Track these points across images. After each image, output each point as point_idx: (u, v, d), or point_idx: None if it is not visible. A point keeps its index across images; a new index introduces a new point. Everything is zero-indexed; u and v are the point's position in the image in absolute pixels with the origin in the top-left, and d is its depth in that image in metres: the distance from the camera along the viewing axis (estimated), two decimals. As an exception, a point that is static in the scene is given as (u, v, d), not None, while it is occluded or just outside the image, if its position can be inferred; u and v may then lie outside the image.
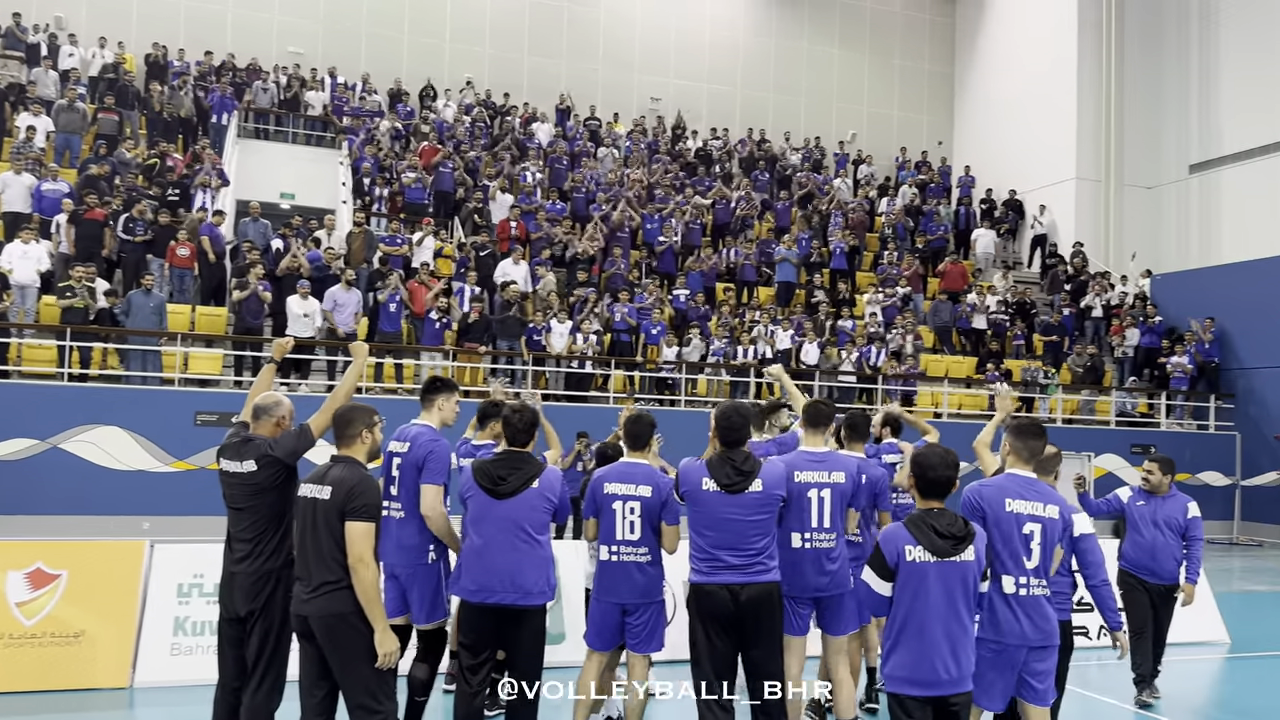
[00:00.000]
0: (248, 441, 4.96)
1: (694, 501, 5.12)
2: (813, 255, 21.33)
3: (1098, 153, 25.09)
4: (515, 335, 16.17)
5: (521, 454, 5.32)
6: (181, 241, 15.88)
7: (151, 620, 7.10)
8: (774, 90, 28.47)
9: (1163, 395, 20.31)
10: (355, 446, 4.71)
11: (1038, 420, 5.10)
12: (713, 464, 5.09)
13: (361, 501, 4.48)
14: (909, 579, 4.14)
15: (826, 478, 5.51)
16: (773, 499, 5.11)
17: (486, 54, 25.92)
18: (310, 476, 4.66)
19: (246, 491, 4.90)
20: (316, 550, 4.51)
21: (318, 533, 4.51)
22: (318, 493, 4.54)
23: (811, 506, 5.47)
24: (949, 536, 4.14)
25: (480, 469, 5.25)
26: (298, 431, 4.93)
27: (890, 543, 4.19)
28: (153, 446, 13.85)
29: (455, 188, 20.28)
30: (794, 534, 5.47)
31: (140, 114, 20.87)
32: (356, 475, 4.55)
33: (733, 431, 5.14)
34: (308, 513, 4.56)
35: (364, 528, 4.47)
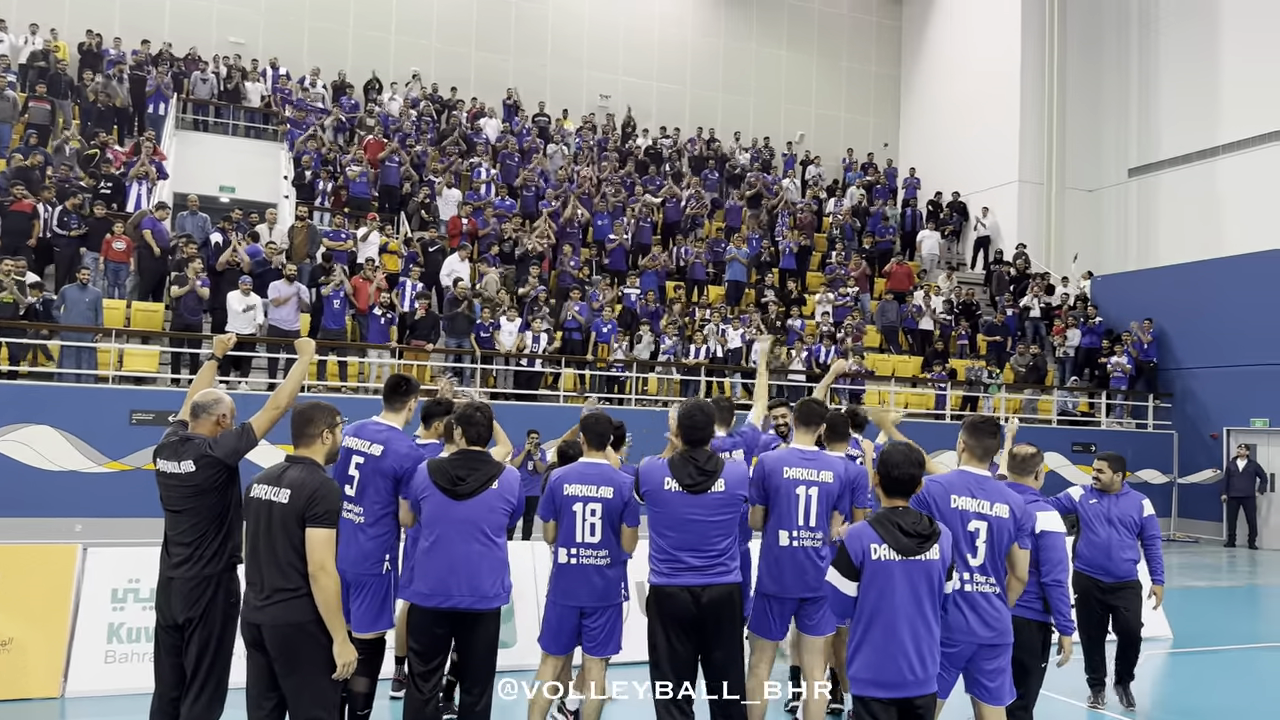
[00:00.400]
0: (186, 441, 4.73)
1: (655, 502, 5.00)
2: (762, 255, 21.38)
3: (1040, 156, 25.52)
4: (463, 333, 15.94)
5: (480, 454, 5.17)
6: (118, 235, 15.40)
7: (84, 627, 6.81)
8: (723, 90, 28.51)
9: (1103, 395, 20.70)
10: (315, 447, 4.51)
11: (992, 418, 5.06)
12: (675, 463, 4.99)
13: (324, 507, 4.30)
14: (874, 578, 4.06)
15: (816, 476, 5.40)
16: (735, 499, 5.03)
17: (433, 48, 25.58)
18: (263, 477, 4.45)
19: (185, 493, 4.68)
20: (271, 556, 4.31)
21: (273, 538, 4.31)
22: (274, 495, 4.33)
23: (799, 504, 5.36)
24: (914, 534, 4.07)
25: (437, 468, 5.09)
26: (239, 431, 4.71)
27: (855, 541, 4.12)
28: (86, 446, 13.37)
29: (401, 182, 19.96)
30: (782, 531, 5.34)
31: (74, 103, 20.21)
32: (317, 479, 4.36)
33: (696, 430, 5.04)
34: (262, 516, 4.35)
35: (325, 534, 4.29)
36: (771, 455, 5.45)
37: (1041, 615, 5.49)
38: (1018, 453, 5.77)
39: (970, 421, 4.90)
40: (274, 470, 4.45)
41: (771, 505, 5.35)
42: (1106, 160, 25.48)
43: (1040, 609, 5.46)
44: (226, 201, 20.49)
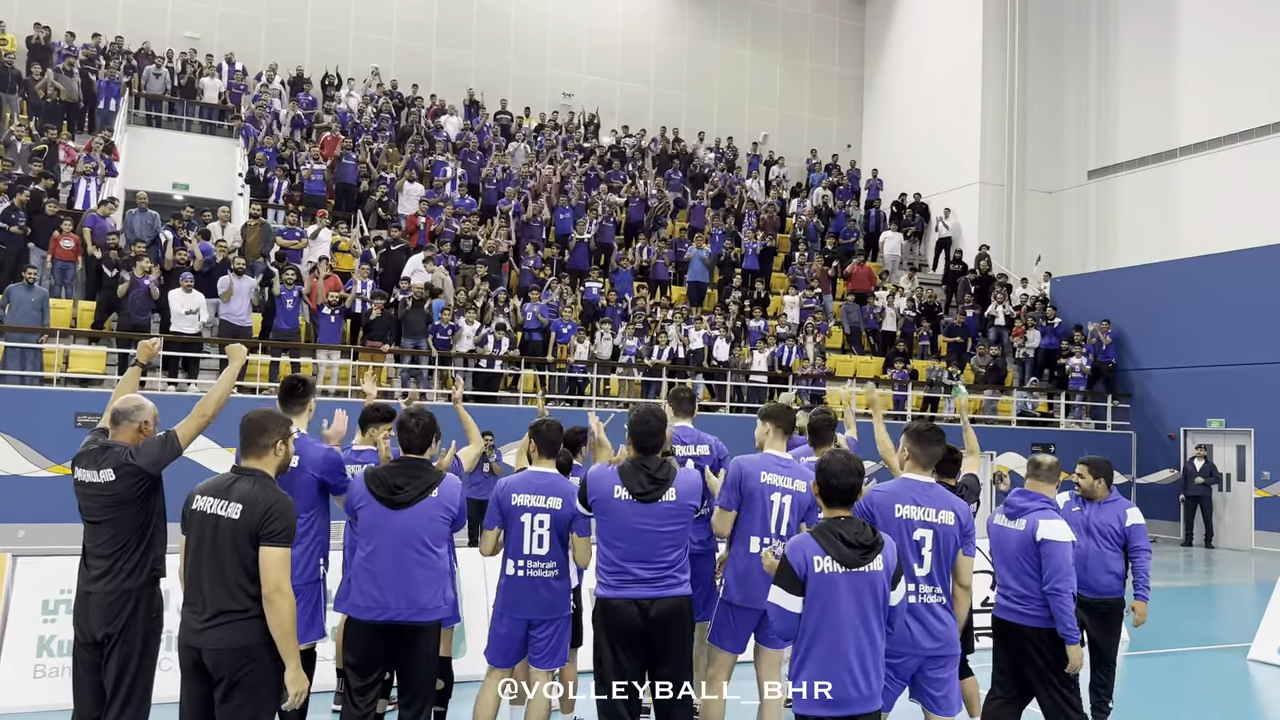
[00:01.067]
0: (106, 449, 4.51)
1: (604, 511, 4.82)
2: (723, 255, 21.30)
3: (1001, 157, 25.66)
4: (420, 333, 15.70)
5: (419, 461, 5.00)
6: (65, 233, 15.01)
7: (13, 640, 6.55)
8: (687, 89, 28.42)
9: (1062, 395, 20.83)
10: (266, 458, 4.19)
11: (935, 425, 4.93)
12: (625, 471, 4.81)
13: (281, 524, 4.02)
14: (818, 591, 3.89)
15: (790, 484, 5.23)
16: (686, 509, 4.86)
17: (393, 43, 25.25)
18: (208, 488, 4.13)
19: (104, 503, 4.46)
20: (217, 574, 4.01)
21: (220, 555, 4.01)
22: (221, 510, 4.03)
23: (773, 510, 5.19)
24: (857, 545, 3.92)
25: (374, 476, 4.92)
26: (163, 439, 4.49)
27: (797, 553, 3.94)
28: (28, 450, 13.01)
29: (359, 180, 19.66)
30: (753, 538, 5.16)
31: (21, 98, 19.70)
32: (272, 494, 4.07)
33: (649, 436, 4.87)
34: (206, 531, 4.05)
35: (281, 554, 4.01)
36: (748, 459, 5.27)
37: (1049, 623, 5.36)
38: (1041, 461, 5.62)
39: (913, 429, 4.80)
40: (220, 482, 4.14)
41: (745, 511, 5.17)
42: (1066, 162, 25.68)
43: (1049, 618, 5.33)
44: (180, 199, 20.06)
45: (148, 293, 14.07)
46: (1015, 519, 5.43)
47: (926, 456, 4.73)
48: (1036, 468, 5.65)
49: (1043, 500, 5.46)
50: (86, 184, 16.62)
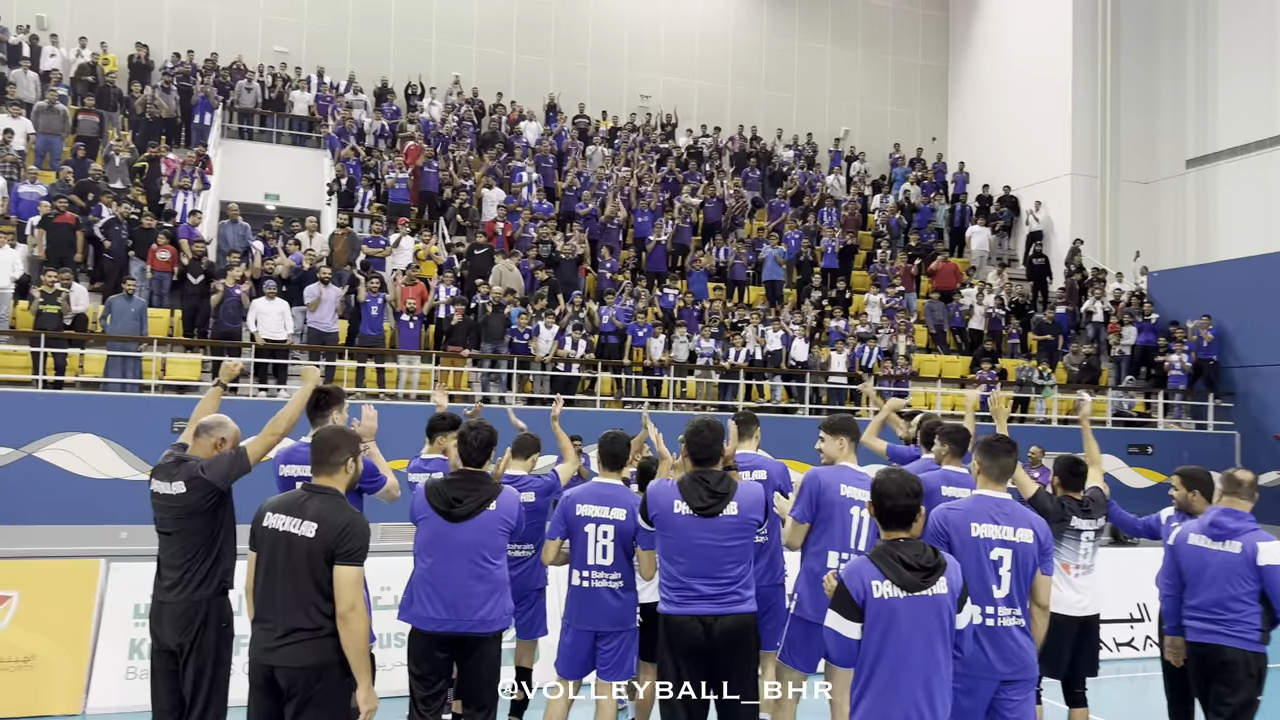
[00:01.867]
0: (180, 462, 4.69)
1: (664, 526, 4.77)
2: (802, 254, 21.06)
3: (1093, 148, 24.81)
4: (499, 338, 15.90)
5: (477, 474, 5.07)
6: (162, 245, 15.62)
7: (106, 643, 6.86)
8: (765, 86, 28.19)
9: (1160, 394, 20.06)
10: (338, 476, 4.21)
11: (1006, 436, 4.77)
12: (684, 485, 4.75)
13: (356, 544, 4.03)
14: (878, 617, 3.75)
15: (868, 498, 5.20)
16: (749, 523, 4.78)
17: (474, 51, 25.63)
18: (279, 505, 4.16)
19: (175, 514, 4.63)
20: (291, 593, 4.03)
21: (294, 573, 4.03)
22: (295, 528, 4.05)
23: (853, 525, 5.15)
24: (918, 568, 3.78)
25: (434, 489, 5.01)
26: (233, 455, 4.64)
27: (854, 578, 3.81)
28: (129, 454, 13.57)
29: (441, 188, 20.01)
30: (832, 553, 5.14)
31: (122, 115, 20.58)
32: (347, 513, 4.09)
33: (705, 448, 4.81)
34: (280, 549, 4.07)
35: (357, 573, 4.02)
36: (826, 471, 5.23)
37: (1258, 646, 5.14)
38: (1241, 479, 5.34)
39: (984, 440, 4.66)
40: (293, 499, 4.17)
41: (822, 525, 5.13)
42: (1163, 151, 24.70)
43: (1256, 640, 5.11)
44: (272, 209, 20.73)
45: (239, 301, 14.55)
46: (1225, 540, 5.16)
47: (998, 469, 4.60)
48: (1236, 485, 5.33)
49: (1250, 519, 5.21)
50: (183, 197, 17.26)
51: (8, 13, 21.49)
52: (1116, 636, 9.36)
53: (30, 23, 21.74)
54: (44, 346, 13.57)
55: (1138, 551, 10.94)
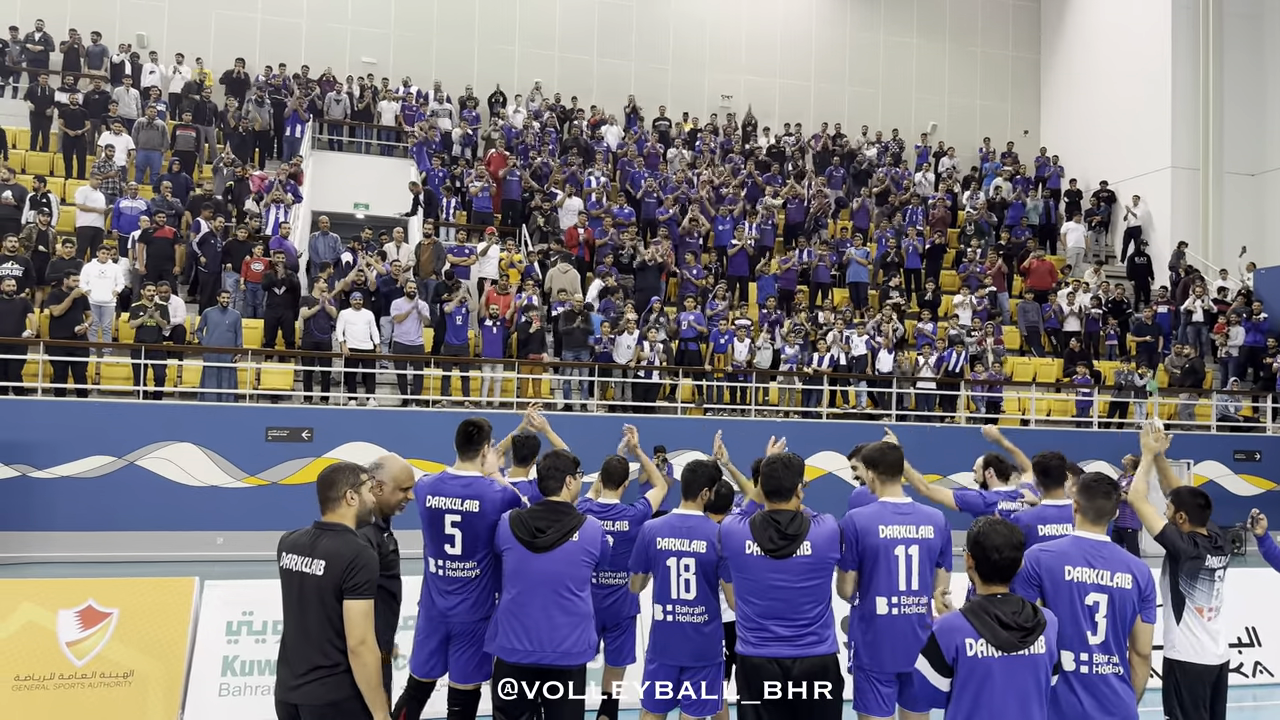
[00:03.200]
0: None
1: (738, 567, 4.67)
2: (889, 255, 20.62)
3: (1195, 139, 23.78)
4: (581, 345, 15.94)
5: (560, 505, 5.04)
6: (256, 257, 16.06)
7: (200, 659, 7.03)
8: (849, 83, 27.72)
9: (1269, 398, 19.13)
10: (341, 510, 4.23)
11: (1106, 476, 4.49)
12: (756, 525, 4.62)
13: (363, 577, 4.04)
14: (970, 677, 3.58)
15: (915, 532, 4.82)
16: (825, 562, 4.62)
17: (556, 57, 25.76)
18: (293, 546, 4.20)
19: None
20: (308, 631, 4.10)
21: (308, 612, 4.09)
22: (307, 567, 4.10)
23: (899, 566, 4.78)
24: (1016, 627, 3.58)
25: (518, 520, 5.00)
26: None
27: (948, 635, 3.63)
28: (225, 462, 14.02)
29: (523, 195, 20.15)
30: (879, 598, 4.80)
31: (218, 129, 21.23)
32: (353, 547, 4.10)
33: (777, 485, 4.65)
34: (294, 589, 4.14)
35: (365, 606, 4.04)
36: (861, 513, 4.91)
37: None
38: None
39: (1083, 480, 4.43)
40: (304, 538, 4.21)
41: (868, 571, 4.83)
42: (1270, 141, 23.53)
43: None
44: (361, 219, 21.16)
45: (327, 313, 14.86)
46: None
47: (1094, 511, 4.37)
48: None
49: None
50: (276, 210, 17.72)
51: (110, 32, 22.35)
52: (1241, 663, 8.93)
53: (131, 41, 22.56)
54: (144, 358, 14.06)
55: (1244, 572, 10.42)
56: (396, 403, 15.32)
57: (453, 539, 5.31)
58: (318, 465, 13.98)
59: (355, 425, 14.38)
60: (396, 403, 15.32)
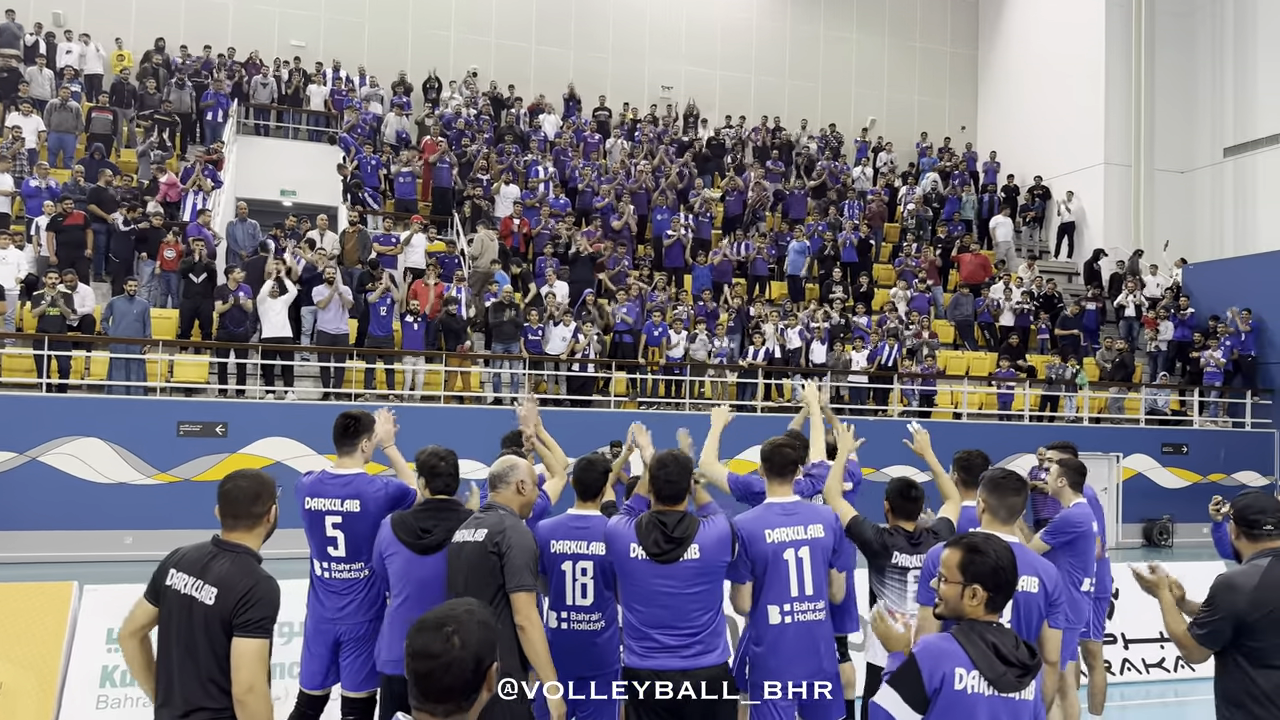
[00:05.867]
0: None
1: (623, 572, 4.35)
2: (825, 248, 20.53)
3: (1127, 136, 24.05)
4: (510, 338, 15.57)
5: (447, 503, 4.71)
6: (169, 244, 15.43)
7: (77, 669, 6.59)
8: (789, 76, 27.60)
9: (1196, 391, 19.39)
10: (257, 530, 3.65)
11: (1015, 473, 4.25)
12: (641, 527, 4.29)
13: (259, 613, 3.43)
14: (949, 712, 3.00)
15: (804, 533, 4.50)
16: (715, 566, 4.30)
17: (492, 44, 25.27)
18: (184, 563, 3.57)
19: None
20: (190, 665, 3.49)
21: (193, 643, 3.48)
22: (196, 590, 3.49)
23: (790, 571, 4.45)
24: (1016, 664, 3.05)
25: (400, 522, 4.66)
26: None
27: (934, 660, 3.04)
28: (134, 458, 13.41)
29: (454, 183, 19.68)
30: (770, 607, 4.48)
31: (136, 112, 20.43)
32: (251, 576, 3.51)
33: (669, 485, 4.32)
34: (181, 614, 3.50)
35: (257, 648, 3.42)
36: (745, 519, 4.59)
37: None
38: None
39: (989, 477, 4.20)
40: (198, 556, 3.57)
41: (758, 580, 4.52)
42: (1200, 139, 23.90)
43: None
44: (289, 205, 20.54)
45: (241, 307, 14.29)
46: None
47: (1006, 509, 4.13)
48: None
49: None
50: (193, 196, 17.06)
51: (24, 10, 21.39)
52: (1146, 657, 8.88)
53: (46, 20, 21.63)
54: (47, 349, 13.39)
55: (1166, 566, 10.42)
56: (317, 396, 14.82)
57: (335, 541, 4.99)
58: (232, 461, 13.47)
59: (272, 420, 13.87)
60: (317, 396, 14.82)
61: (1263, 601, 3.83)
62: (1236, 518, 4.11)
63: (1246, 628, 3.85)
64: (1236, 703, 3.91)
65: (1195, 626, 3.96)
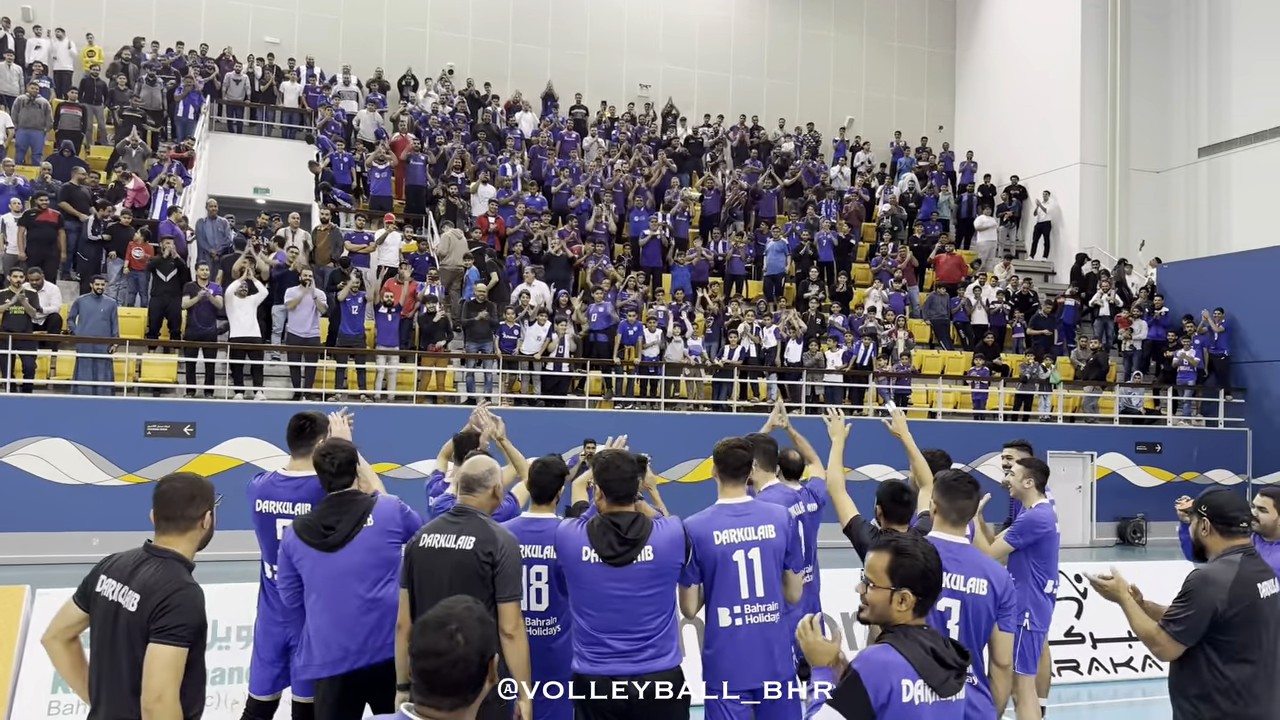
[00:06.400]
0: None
1: (573, 576, 4.25)
2: (802, 247, 20.50)
3: (1103, 136, 24.13)
4: (485, 337, 15.46)
5: (345, 494, 4.57)
6: (138, 242, 15.24)
7: (29, 674, 6.46)
8: (768, 75, 27.56)
9: (1169, 390, 19.48)
10: (191, 534, 3.51)
11: (967, 475, 4.19)
12: (593, 529, 4.19)
13: (177, 620, 3.29)
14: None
15: (755, 534, 4.39)
16: (669, 568, 4.21)
17: (469, 41, 25.11)
18: (114, 569, 3.46)
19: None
20: (114, 675, 3.37)
21: (117, 652, 3.36)
22: (122, 597, 3.36)
23: (741, 572, 4.34)
24: (953, 666, 2.93)
25: (303, 525, 4.54)
26: None
27: (880, 673, 2.84)
28: (100, 459, 13.23)
29: (428, 181, 19.53)
30: (721, 610, 4.39)
31: (106, 108, 20.20)
32: (174, 581, 3.37)
33: (622, 484, 4.20)
34: (107, 621, 3.39)
35: (170, 654, 3.28)
36: (694, 520, 4.49)
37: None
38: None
39: (943, 480, 4.15)
40: (128, 561, 3.46)
41: (706, 582, 4.43)
42: (1175, 139, 24.02)
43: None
44: (262, 203, 20.35)
45: (210, 303, 14.13)
46: None
47: (956, 512, 4.07)
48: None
49: None
50: (164, 193, 16.86)
51: (-8, 4, 21.11)
52: (1114, 656, 8.88)
53: (15, 15, 21.33)
54: (11, 348, 13.19)
55: (1134, 565, 10.46)
56: (287, 396, 14.67)
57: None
58: (200, 462, 13.31)
59: (241, 420, 13.70)
60: (287, 396, 14.67)
61: (1239, 596, 3.85)
62: (1212, 515, 4.07)
63: (1223, 623, 3.85)
64: (1203, 697, 3.90)
65: (1171, 623, 3.92)
